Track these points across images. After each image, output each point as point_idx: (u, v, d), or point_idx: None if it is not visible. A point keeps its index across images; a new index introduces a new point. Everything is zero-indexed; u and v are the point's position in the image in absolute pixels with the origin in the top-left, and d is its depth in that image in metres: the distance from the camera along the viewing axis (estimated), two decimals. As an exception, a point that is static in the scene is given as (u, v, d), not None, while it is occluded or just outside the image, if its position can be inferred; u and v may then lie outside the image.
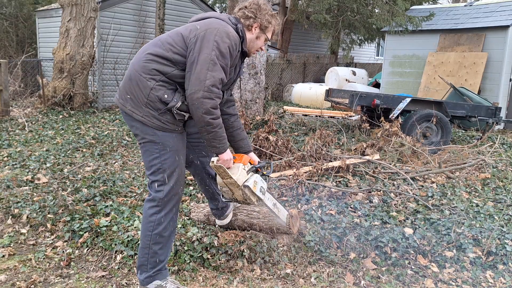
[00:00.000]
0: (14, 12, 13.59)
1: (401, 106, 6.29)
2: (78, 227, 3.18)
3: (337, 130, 6.77)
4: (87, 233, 3.13)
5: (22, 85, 10.50)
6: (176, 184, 2.40)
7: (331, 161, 4.59)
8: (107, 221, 3.22)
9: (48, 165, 4.86)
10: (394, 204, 3.81)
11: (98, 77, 9.87)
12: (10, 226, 3.41)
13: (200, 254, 2.85)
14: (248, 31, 2.49)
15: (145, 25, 10.59)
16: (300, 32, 16.76)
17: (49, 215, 3.42)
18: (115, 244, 2.96)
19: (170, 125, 2.33)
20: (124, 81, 2.37)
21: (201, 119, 2.23)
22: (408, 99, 6.38)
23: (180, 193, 2.47)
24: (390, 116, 6.15)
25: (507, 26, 8.99)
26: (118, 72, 9.95)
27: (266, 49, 10.21)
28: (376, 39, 15.55)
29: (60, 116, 8.04)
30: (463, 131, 8.03)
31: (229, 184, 2.56)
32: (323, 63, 15.47)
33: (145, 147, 2.36)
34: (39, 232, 3.29)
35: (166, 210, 2.39)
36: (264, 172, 2.75)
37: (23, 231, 3.31)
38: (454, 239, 3.13)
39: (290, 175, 4.15)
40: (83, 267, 2.84)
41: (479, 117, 6.76)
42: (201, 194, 3.86)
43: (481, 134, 7.04)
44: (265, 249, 2.91)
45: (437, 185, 4.41)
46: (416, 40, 10.56)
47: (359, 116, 7.21)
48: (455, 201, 3.93)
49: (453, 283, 2.78)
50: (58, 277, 2.73)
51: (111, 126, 7.33)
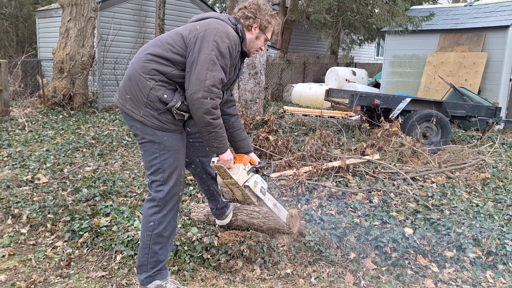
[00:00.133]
0: (14, 12, 13.59)
1: (401, 106, 6.30)
2: (78, 227, 3.18)
3: (337, 130, 6.77)
4: (87, 233, 3.13)
5: (22, 85, 10.50)
6: (176, 184, 2.40)
7: (331, 161, 4.59)
8: (107, 221, 3.22)
9: (48, 165, 4.86)
10: (394, 204, 3.81)
11: (98, 77, 9.87)
12: (10, 226, 3.41)
13: (200, 254, 2.85)
14: (248, 31, 2.49)
15: (145, 25, 10.59)
16: (300, 32, 16.76)
17: (49, 215, 3.42)
18: (115, 244, 2.96)
19: (170, 125, 2.33)
20: (124, 81, 2.37)
21: (202, 119, 2.23)
22: (408, 99, 6.38)
23: (180, 193, 2.47)
24: (390, 116, 6.15)
25: (507, 26, 9.00)
26: (118, 72, 9.95)
27: (266, 49, 10.21)
28: (376, 39, 15.55)
29: (60, 116, 8.04)
30: (463, 131, 8.02)
31: (230, 184, 2.56)
32: (323, 63, 15.46)
33: (145, 147, 2.36)
34: (39, 232, 3.29)
35: (166, 210, 2.39)
36: (265, 173, 2.75)
37: (23, 231, 3.31)
38: (454, 239, 3.13)
39: (290, 175, 4.15)
40: (83, 267, 2.84)
41: (479, 117, 6.76)
42: (201, 194, 3.86)
43: (481, 134, 7.04)
44: (265, 249, 2.91)
45: (437, 185, 4.41)
46: (416, 40, 10.56)
47: (359, 116, 7.21)
48: (455, 201, 3.94)
49: (453, 283, 2.78)
50: (58, 277, 2.73)
51: (111, 126, 7.33)
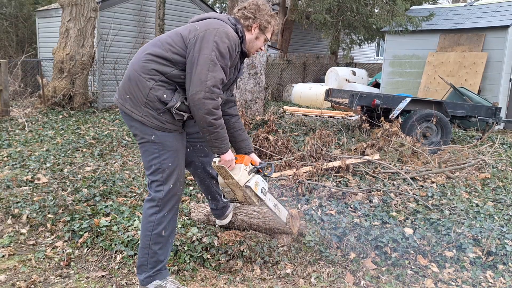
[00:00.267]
0: (14, 12, 13.59)
1: (401, 106, 6.29)
2: (78, 227, 3.18)
3: (337, 130, 6.77)
4: (87, 233, 3.13)
5: (22, 85, 10.49)
6: (176, 184, 2.40)
7: (331, 161, 4.59)
8: (107, 221, 3.22)
9: (48, 165, 4.86)
10: (394, 204, 3.81)
11: (98, 77, 9.87)
12: (10, 226, 3.41)
13: (200, 254, 2.85)
14: (248, 32, 2.49)
15: (145, 25, 10.59)
16: (300, 32, 16.75)
17: (49, 215, 3.42)
18: (115, 244, 2.96)
19: (169, 125, 2.33)
20: (124, 81, 2.37)
21: (203, 120, 2.23)
22: (408, 99, 6.38)
23: (180, 193, 2.47)
24: (390, 116, 6.15)
25: (507, 26, 9.00)
26: (118, 72, 9.96)
27: (266, 49, 10.21)
28: (376, 39, 15.55)
29: (60, 116, 8.04)
30: (463, 131, 8.02)
31: (231, 185, 2.56)
32: (323, 63, 15.46)
33: (144, 147, 2.36)
34: (39, 232, 3.29)
35: (166, 210, 2.39)
36: (265, 173, 2.75)
37: (23, 231, 3.31)
38: (454, 239, 3.13)
39: (290, 175, 4.15)
40: (83, 267, 2.84)
41: (479, 117, 6.76)
42: (201, 194, 3.86)
43: (481, 134, 7.04)
44: (265, 249, 2.91)
45: (437, 185, 4.41)
46: (416, 40, 10.56)
47: (359, 116, 7.21)
48: (455, 201, 3.93)
49: (453, 283, 2.78)
50: (58, 277, 2.73)
51: (111, 126, 7.33)
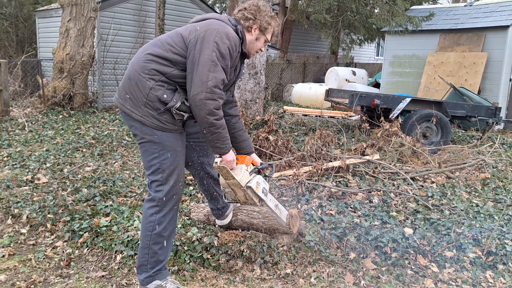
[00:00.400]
0: (14, 12, 13.59)
1: (401, 106, 6.30)
2: (78, 227, 3.18)
3: (337, 130, 6.77)
4: (87, 233, 3.13)
5: (22, 85, 10.50)
6: (176, 184, 2.40)
7: (331, 161, 4.59)
8: (107, 221, 3.22)
9: (48, 165, 4.86)
10: (394, 204, 3.81)
11: (98, 77, 9.87)
12: (10, 226, 3.41)
13: (200, 254, 2.85)
14: (248, 33, 2.49)
15: (145, 25, 10.59)
16: (300, 32, 16.75)
17: (49, 215, 3.42)
18: (115, 244, 2.96)
19: (169, 125, 2.33)
20: (124, 81, 2.37)
21: (204, 120, 2.23)
22: (408, 99, 6.38)
23: (180, 193, 2.47)
24: (390, 116, 6.15)
25: (507, 26, 9.00)
26: (118, 72, 9.95)
27: (266, 49, 10.21)
28: (376, 39, 15.55)
29: (60, 116, 8.04)
30: (463, 131, 8.02)
31: (232, 185, 2.56)
32: (323, 63, 15.47)
33: (144, 147, 2.36)
34: (39, 232, 3.29)
35: (166, 210, 2.39)
36: (266, 173, 2.76)
37: (23, 231, 3.31)
38: (454, 239, 3.13)
39: (290, 175, 4.15)
40: (83, 267, 2.84)
41: (479, 117, 6.76)
42: (201, 194, 3.86)
43: (481, 134, 7.04)
44: (265, 249, 2.91)
45: (437, 185, 4.41)
46: (416, 40, 10.56)
47: (359, 116, 7.21)
48: (455, 201, 3.93)
49: (453, 283, 2.78)
50: (58, 277, 2.73)
51: (111, 126, 7.33)
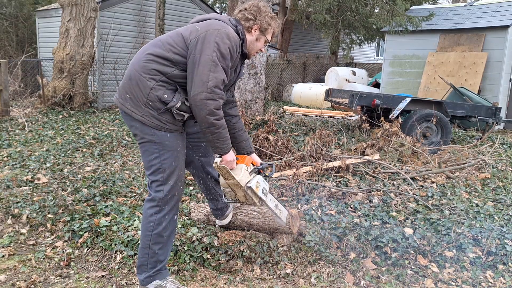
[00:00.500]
0: (14, 12, 13.59)
1: (401, 106, 6.30)
2: (78, 227, 3.18)
3: (337, 130, 6.77)
4: (87, 233, 3.13)
5: (22, 85, 10.50)
6: (176, 184, 2.40)
7: (331, 161, 4.59)
8: (107, 221, 3.22)
9: (48, 165, 4.86)
10: (394, 204, 3.81)
11: (98, 77, 9.87)
12: (10, 226, 3.41)
13: (200, 254, 2.85)
14: (248, 33, 2.50)
15: (145, 25, 10.59)
16: (300, 32, 16.75)
17: (49, 215, 3.42)
18: (115, 244, 2.96)
19: (170, 125, 2.33)
20: (124, 81, 2.37)
21: (205, 120, 2.23)
22: (408, 99, 6.38)
23: (180, 193, 2.47)
24: (390, 116, 6.15)
25: (507, 26, 9.00)
26: (118, 72, 9.96)
27: (266, 49, 10.21)
28: (376, 39, 15.55)
29: (60, 116, 8.04)
30: (463, 131, 8.02)
31: (232, 185, 2.56)
32: (323, 63, 15.47)
33: (145, 147, 2.36)
34: (39, 232, 3.29)
35: (166, 210, 2.39)
36: (267, 174, 2.75)
37: (23, 231, 3.31)
38: (454, 239, 3.13)
39: (290, 175, 4.15)
40: (83, 267, 2.84)
41: (479, 117, 6.76)
42: (201, 194, 3.86)
43: (481, 134, 7.04)
44: (265, 249, 2.91)
45: (437, 185, 4.41)
46: (416, 40, 10.56)
47: (359, 116, 7.21)
48: (455, 201, 3.93)
49: (453, 283, 2.78)
50: (58, 277, 2.73)
51: (111, 126, 7.33)
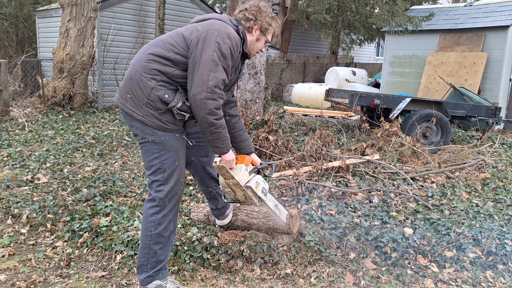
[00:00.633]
0: (14, 12, 13.59)
1: (401, 106, 6.30)
2: (78, 227, 3.18)
3: (337, 130, 6.77)
4: (87, 233, 3.13)
5: (22, 85, 10.50)
6: (176, 184, 2.40)
7: (331, 161, 4.59)
8: (107, 221, 3.22)
9: (48, 165, 4.86)
10: (394, 204, 3.81)
11: (98, 77, 9.87)
12: (10, 226, 3.41)
13: (200, 254, 2.85)
14: (249, 33, 2.50)
15: (145, 25, 10.59)
16: (300, 32, 16.75)
17: (49, 215, 3.42)
18: (115, 244, 2.96)
19: (171, 125, 2.33)
20: (125, 81, 2.37)
21: (204, 120, 2.23)
22: (408, 99, 6.38)
23: (180, 193, 2.47)
24: (390, 116, 6.15)
25: (507, 26, 9.00)
26: (118, 72, 9.96)
27: (266, 49, 10.20)
28: (376, 39, 15.54)
29: (60, 116, 8.04)
30: (463, 131, 8.02)
31: (232, 185, 2.57)
32: (323, 63, 15.47)
33: (145, 147, 2.36)
34: (39, 232, 3.29)
35: (167, 210, 2.39)
36: (266, 173, 2.76)
37: (23, 231, 3.31)
38: (454, 239, 3.13)
39: (290, 175, 4.15)
40: (83, 267, 2.84)
41: (479, 117, 6.76)
42: (201, 194, 3.86)
43: (481, 134, 7.04)
44: (265, 249, 2.91)
45: (437, 185, 4.41)
46: (416, 40, 10.56)
47: (359, 116, 7.21)
48: (455, 201, 3.93)
49: (453, 283, 2.78)
50: (58, 277, 2.73)
51: (111, 126, 7.33)
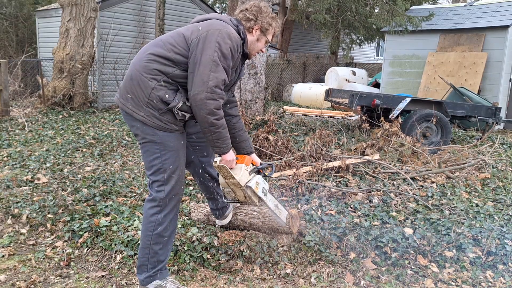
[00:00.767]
0: (14, 12, 13.59)
1: (401, 106, 6.30)
2: (78, 227, 3.18)
3: (337, 130, 6.77)
4: (87, 233, 3.13)
5: (22, 85, 10.50)
6: (177, 184, 2.40)
7: (331, 161, 4.59)
8: (107, 221, 3.22)
9: (48, 165, 4.86)
10: (394, 204, 3.81)
11: (98, 77, 9.87)
12: (10, 226, 3.41)
13: (200, 254, 2.85)
14: (249, 33, 2.50)
15: (145, 25, 10.59)
16: (300, 32, 16.76)
17: (49, 215, 3.42)
18: (115, 244, 2.96)
19: (171, 125, 2.33)
20: (125, 81, 2.37)
21: (205, 120, 2.23)
22: (408, 99, 6.38)
23: (181, 193, 2.47)
24: (390, 116, 6.15)
25: (507, 26, 9.00)
26: (118, 72, 9.96)
27: (266, 49, 10.20)
28: (376, 39, 15.55)
29: (60, 116, 8.04)
30: (463, 131, 8.02)
31: (232, 185, 2.57)
32: (323, 63, 15.47)
33: (146, 147, 2.36)
34: (39, 232, 3.29)
35: (167, 210, 2.39)
36: (266, 173, 2.76)
37: (23, 231, 3.31)
38: (454, 239, 3.13)
39: (290, 175, 4.15)
40: (83, 267, 2.84)
41: (479, 117, 6.77)
42: (201, 194, 3.86)
43: (481, 134, 7.05)
44: (265, 249, 2.91)
45: (437, 185, 4.41)
46: (416, 40, 10.56)
47: (359, 116, 7.21)
48: (455, 201, 3.93)
49: (453, 283, 2.78)
50: (58, 277, 2.73)
51: (111, 126, 7.33)
